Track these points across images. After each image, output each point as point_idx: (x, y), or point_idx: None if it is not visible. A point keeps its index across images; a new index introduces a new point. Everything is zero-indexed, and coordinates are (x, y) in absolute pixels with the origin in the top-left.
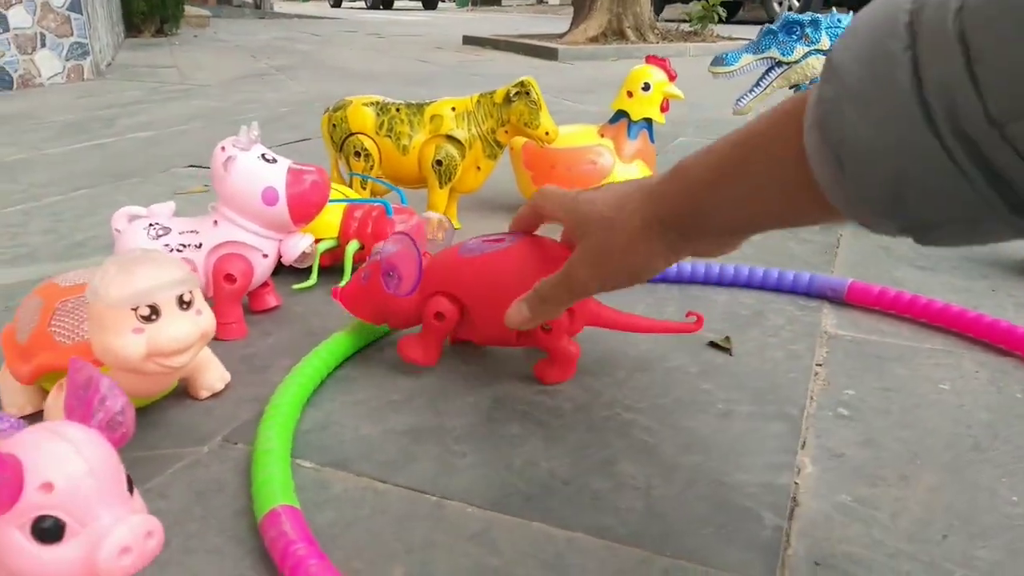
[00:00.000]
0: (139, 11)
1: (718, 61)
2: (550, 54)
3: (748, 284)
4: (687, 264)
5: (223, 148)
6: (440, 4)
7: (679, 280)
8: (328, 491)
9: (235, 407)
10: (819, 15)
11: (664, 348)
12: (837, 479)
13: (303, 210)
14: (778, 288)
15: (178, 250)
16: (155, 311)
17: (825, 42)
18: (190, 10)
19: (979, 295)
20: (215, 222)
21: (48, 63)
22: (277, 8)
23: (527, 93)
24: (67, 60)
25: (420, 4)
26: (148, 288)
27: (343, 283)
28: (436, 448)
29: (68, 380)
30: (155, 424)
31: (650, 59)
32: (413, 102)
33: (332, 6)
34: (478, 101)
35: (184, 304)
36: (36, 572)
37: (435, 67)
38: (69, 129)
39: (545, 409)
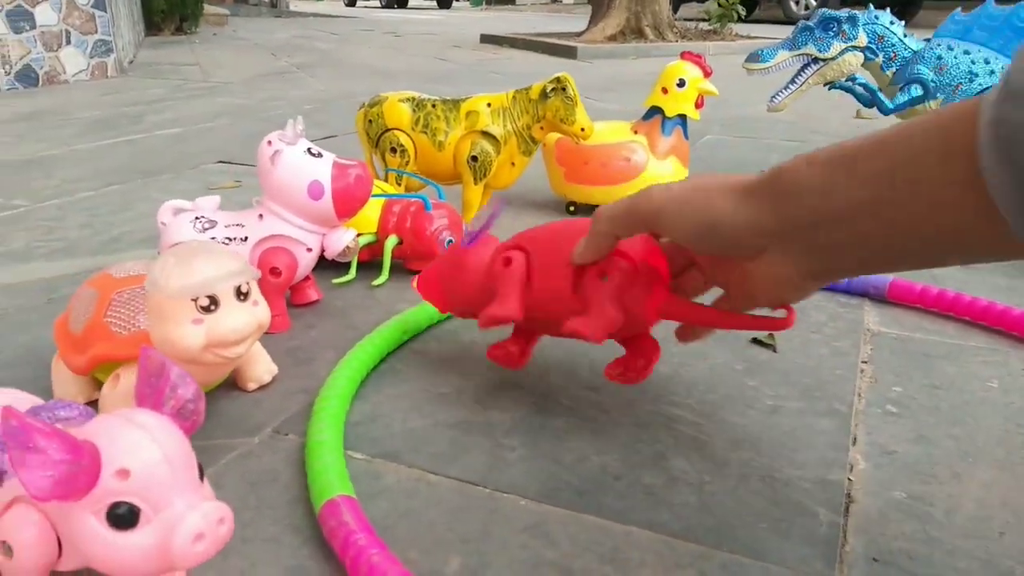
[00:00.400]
0: (159, 9)
1: (753, 58)
2: (569, 52)
3: None
4: None
5: (269, 142)
6: (455, 3)
7: None
8: (381, 482)
9: (283, 399)
10: (856, 11)
11: (706, 345)
12: (890, 476)
13: (348, 204)
14: None
15: (224, 243)
16: (214, 302)
17: (863, 39)
18: (209, 8)
19: (1022, 294)
20: (260, 216)
21: (73, 60)
22: (293, 7)
23: (563, 89)
24: (91, 57)
25: (435, 3)
26: (207, 279)
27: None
28: (486, 441)
29: (140, 368)
30: (207, 415)
31: (685, 55)
32: (448, 98)
33: (347, 5)
34: (514, 97)
35: (242, 295)
36: (111, 557)
37: (453, 65)
38: (97, 125)
39: (590, 404)
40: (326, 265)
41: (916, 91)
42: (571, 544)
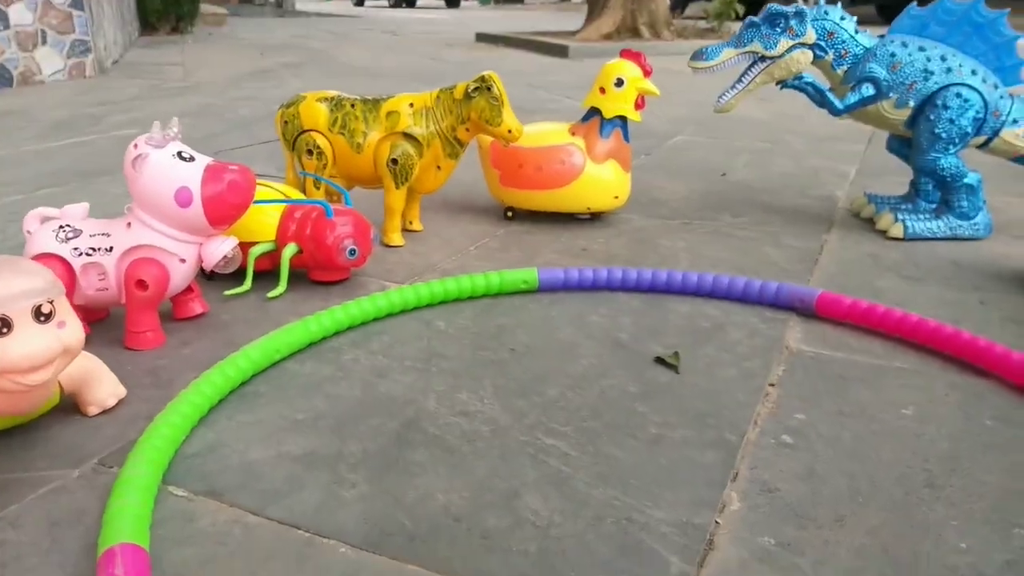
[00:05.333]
0: (154, 9)
1: (698, 56)
2: (561, 51)
3: (712, 293)
4: (648, 271)
5: (135, 145)
6: (463, 2)
7: (639, 288)
8: (193, 525)
9: (125, 425)
10: (804, 7)
11: (607, 363)
12: (764, 519)
13: (221, 211)
14: (744, 298)
15: (87, 254)
16: (6, 324)
17: (811, 35)
18: (207, 8)
19: (967, 309)
20: (128, 224)
21: (49, 60)
22: (299, 6)
23: (488, 88)
24: (69, 57)
25: (443, 2)
26: None
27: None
28: (326, 477)
29: None
30: (33, 442)
31: (624, 53)
32: (369, 97)
33: (355, 4)
34: (438, 97)
35: (42, 316)
36: None
37: (444, 64)
38: (55, 127)
39: (460, 433)
40: (224, 276)
41: (868, 90)
42: None
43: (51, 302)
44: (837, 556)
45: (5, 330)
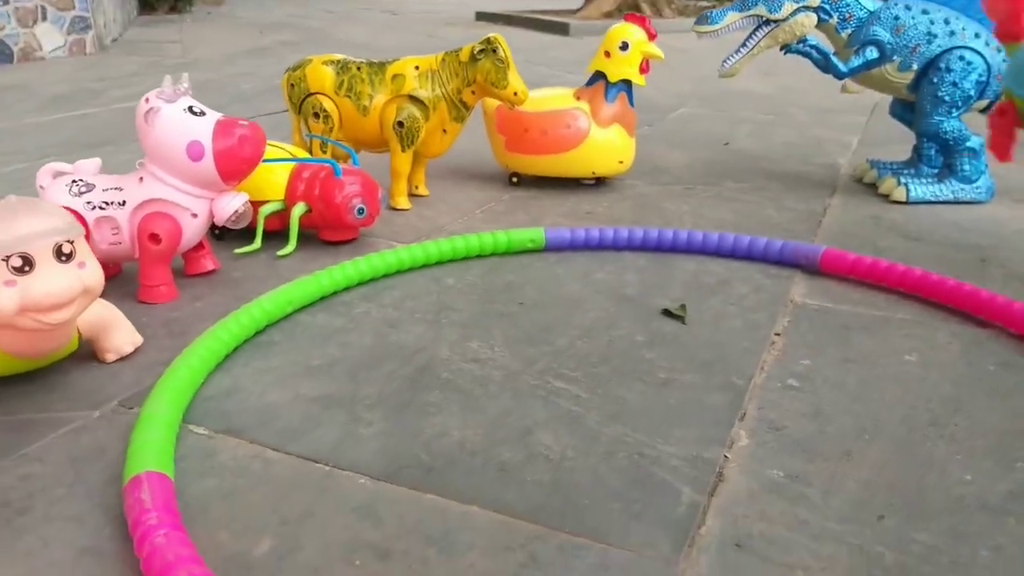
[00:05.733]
0: None
1: (702, 20)
2: (562, 29)
3: (717, 252)
4: (654, 230)
5: (147, 99)
6: None
7: (645, 247)
8: (214, 459)
9: (141, 372)
10: None
11: (615, 316)
12: (772, 453)
13: (232, 166)
14: (749, 256)
15: (101, 208)
16: (28, 262)
17: None
18: None
19: (968, 266)
20: (141, 179)
21: (49, 36)
22: None
23: (494, 51)
24: (69, 34)
25: None
26: (20, 236)
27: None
28: (343, 416)
29: None
30: (53, 386)
31: (629, 17)
32: (376, 60)
33: None
34: (443, 60)
35: (63, 256)
36: None
37: (444, 42)
38: (56, 100)
39: (472, 378)
40: (234, 235)
41: (872, 53)
42: (398, 525)
43: (71, 242)
44: (844, 487)
45: (27, 268)
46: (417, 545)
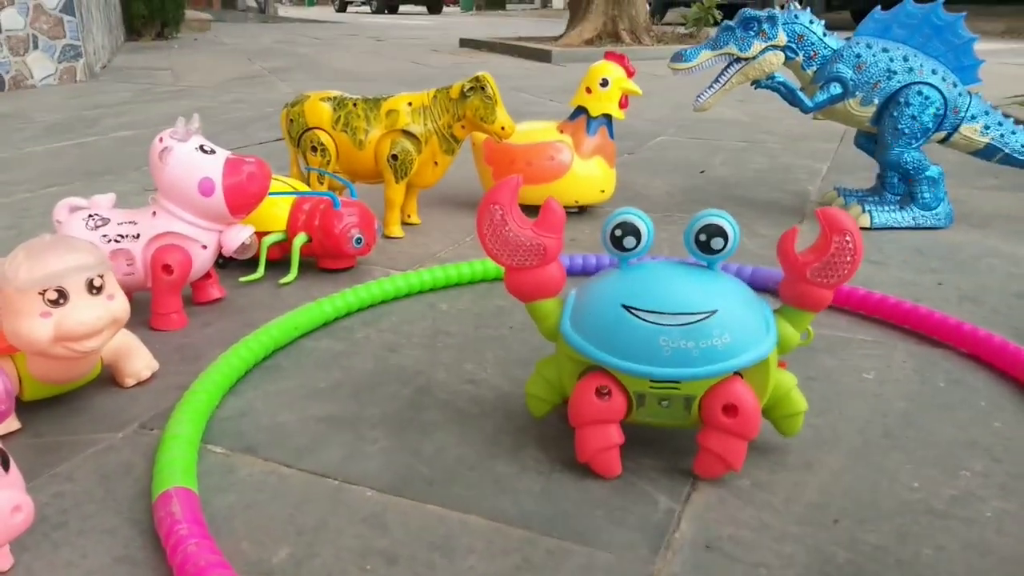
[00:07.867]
0: (139, 15)
1: (677, 58)
2: (544, 56)
3: None
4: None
5: (160, 139)
6: (446, 8)
7: None
8: (233, 475)
9: (159, 396)
10: (776, 11)
11: None
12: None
13: (240, 200)
14: None
15: (116, 240)
16: (63, 295)
17: (782, 38)
18: (191, 14)
19: (926, 288)
20: (154, 213)
21: (40, 65)
22: (282, 12)
23: (482, 88)
24: (60, 62)
25: (425, 8)
26: (55, 272)
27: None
28: (349, 435)
29: None
30: (77, 410)
31: (609, 55)
32: (370, 97)
33: (337, 10)
34: (434, 96)
35: (94, 289)
36: None
37: (429, 69)
38: (53, 129)
39: (468, 398)
40: (237, 264)
41: (836, 89)
42: (405, 533)
43: (101, 276)
44: (804, 494)
45: (62, 301)
46: (422, 551)
